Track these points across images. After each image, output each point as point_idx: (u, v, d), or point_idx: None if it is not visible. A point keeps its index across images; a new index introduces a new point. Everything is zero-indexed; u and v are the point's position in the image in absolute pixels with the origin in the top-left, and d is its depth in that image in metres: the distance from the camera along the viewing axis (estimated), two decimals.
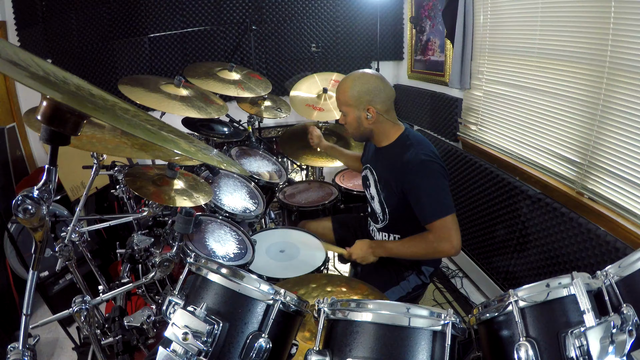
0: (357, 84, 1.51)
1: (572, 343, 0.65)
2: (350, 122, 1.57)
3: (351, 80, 1.53)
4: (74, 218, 1.42)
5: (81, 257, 1.59)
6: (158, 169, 1.66)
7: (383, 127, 1.56)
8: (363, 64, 3.42)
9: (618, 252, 1.49)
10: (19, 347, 0.71)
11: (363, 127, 1.56)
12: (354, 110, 1.53)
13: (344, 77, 1.58)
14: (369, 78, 1.52)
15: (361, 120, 1.54)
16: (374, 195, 1.65)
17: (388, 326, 0.73)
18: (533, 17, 1.97)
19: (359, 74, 1.55)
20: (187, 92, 1.86)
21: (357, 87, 1.51)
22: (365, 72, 1.55)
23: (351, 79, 1.53)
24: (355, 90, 1.51)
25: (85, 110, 0.59)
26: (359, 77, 1.53)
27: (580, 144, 1.78)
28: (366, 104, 1.50)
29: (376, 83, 1.52)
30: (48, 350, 2.13)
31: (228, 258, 1.55)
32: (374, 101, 1.50)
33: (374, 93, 1.50)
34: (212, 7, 3.05)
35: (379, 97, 1.51)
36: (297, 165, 3.12)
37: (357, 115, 1.54)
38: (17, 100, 2.92)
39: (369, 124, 1.54)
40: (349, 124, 1.59)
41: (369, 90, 1.50)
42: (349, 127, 1.60)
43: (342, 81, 1.56)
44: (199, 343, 0.69)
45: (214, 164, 0.90)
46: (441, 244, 1.43)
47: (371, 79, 1.52)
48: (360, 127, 1.56)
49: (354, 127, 1.58)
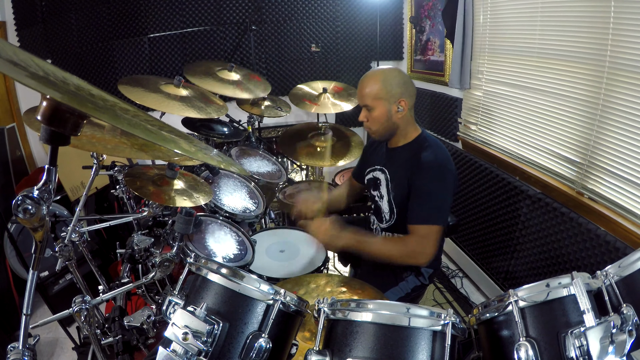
0: (389, 76, 1.48)
1: (572, 343, 0.65)
2: (378, 116, 1.49)
3: (381, 73, 1.50)
4: (74, 218, 1.43)
5: (81, 257, 1.60)
6: (158, 169, 1.66)
7: (407, 124, 1.54)
8: (363, 63, 3.42)
9: (618, 252, 1.49)
10: (19, 347, 0.71)
11: (391, 121, 1.50)
12: (384, 104, 1.47)
13: (369, 72, 1.54)
14: (398, 72, 1.52)
15: (391, 114, 1.49)
16: (383, 195, 1.62)
17: (388, 326, 0.73)
18: (533, 17, 1.97)
19: (388, 68, 1.54)
20: (186, 92, 1.86)
21: (389, 79, 1.47)
22: (392, 67, 1.55)
23: (381, 72, 1.51)
24: (388, 82, 1.46)
25: (85, 110, 0.59)
26: (389, 70, 1.52)
27: (580, 144, 1.78)
28: (398, 97, 1.46)
29: (405, 77, 1.52)
30: (48, 350, 2.13)
31: (228, 258, 1.55)
32: (405, 94, 1.47)
33: (405, 86, 1.48)
34: (212, 7, 3.05)
35: (409, 91, 1.50)
36: (297, 165, 3.12)
37: (388, 109, 1.48)
38: (17, 100, 2.92)
39: (398, 118, 1.50)
40: (374, 119, 1.51)
41: (400, 82, 1.47)
42: (374, 123, 1.52)
43: (370, 75, 1.51)
44: (199, 343, 0.69)
45: (214, 164, 0.90)
46: (418, 251, 1.40)
47: (400, 73, 1.52)
48: (388, 121, 1.50)
49: (381, 122, 1.51)
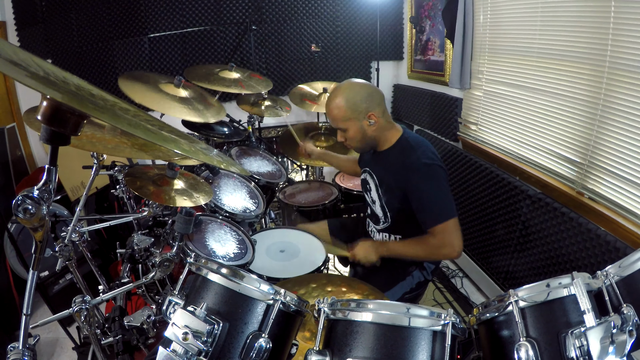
0: (350, 95, 1.47)
1: (572, 343, 0.65)
2: (353, 135, 1.52)
3: (341, 93, 1.48)
4: (74, 218, 1.42)
5: (81, 257, 1.59)
6: (158, 169, 1.66)
7: (383, 131, 1.54)
8: (363, 63, 3.42)
9: (618, 252, 1.49)
10: (19, 347, 0.71)
11: (367, 136, 1.52)
12: (355, 122, 1.48)
13: (330, 95, 1.52)
14: (359, 86, 1.50)
15: (364, 130, 1.50)
16: (375, 200, 1.63)
17: (388, 326, 0.73)
18: (533, 17, 1.97)
19: (346, 86, 1.50)
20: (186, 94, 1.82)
21: (351, 98, 1.46)
22: (350, 82, 1.51)
23: (341, 93, 1.48)
24: (350, 102, 1.46)
25: (86, 110, 0.59)
26: (349, 88, 1.49)
27: (580, 144, 1.78)
28: (366, 112, 1.46)
29: (367, 88, 1.49)
30: (48, 350, 2.13)
31: (228, 258, 1.55)
32: (371, 107, 1.47)
33: (369, 99, 1.47)
34: (212, 7, 3.05)
35: (375, 101, 1.48)
36: (297, 165, 3.13)
37: (359, 126, 1.49)
38: (17, 100, 2.92)
39: (373, 131, 1.51)
40: (351, 139, 1.54)
41: (363, 97, 1.46)
42: (351, 141, 1.55)
43: (332, 98, 1.50)
44: (199, 343, 0.69)
45: (214, 164, 0.90)
46: (443, 249, 1.44)
47: (360, 86, 1.50)
48: (364, 137, 1.52)
49: (358, 140, 1.53)
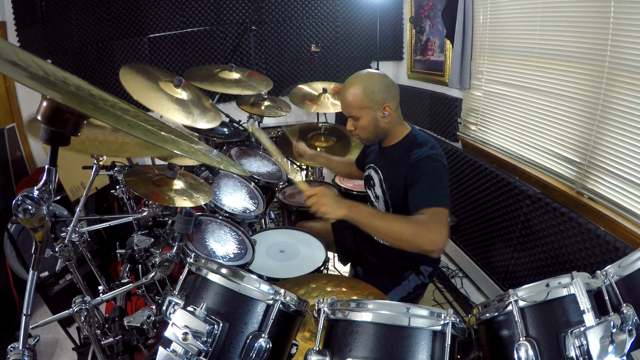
0: (369, 84, 1.43)
1: (572, 343, 0.65)
2: (365, 125, 1.47)
3: (360, 81, 1.45)
4: (74, 218, 1.42)
5: (81, 257, 1.59)
6: (158, 169, 1.66)
7: (395, 125, 1.51)
8: (363, 64, 3.41)
9: (618, 252, 1.49)
10: (19, 347, 0.71)
11: (380, 127, 1.48)
12: (369, 112, 1.45)
13: (347, 82, 1.49)
14: (377, 76, 1.47)
15: (377, 121, 1.46)
16: (378, 195, 1.61)
17: (388, 326, 0.73)
18: (533, 17, 1.97)
19: (365, 75, 1.47)
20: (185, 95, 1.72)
21: (369, 86, 1.43)
22: (370, 72, 1.49)
23: (359, 80, 1.45)
24: (368, 90, 1.43)
25: (85, 110, 0.59)
26: (367, 76, 1.46)
27: (580, 144, 1.78)
28: (382, 102, 1.43)
29: (385, 80, 1.46)
30: (48, 350, 2.13)
31: (228, 258, 1.55)
32: (388, 98, 1.44)
33: (386, 90, 1.45)
34: (212, 7, 3.05)
35: (391, 94, 1.46)
36: (297, 165, 3.12)
37: (374, 117, 1.45)
38: (17, 100, 2.92)
39: (385, 123, 1.47)
40: (362, 128, 1.49)
41: (380, 88, 1.43)
42: (362, 131, 1.50)
43: (348, 85, 1.46)
44: (199, 343, 0.69)
45: (214, 164, 0.90)
46: (429, 233, 1.20)
47: (380, 77, 1.47)
48: (376, 128, 1.48)
49: (369, 131, 1.49)
